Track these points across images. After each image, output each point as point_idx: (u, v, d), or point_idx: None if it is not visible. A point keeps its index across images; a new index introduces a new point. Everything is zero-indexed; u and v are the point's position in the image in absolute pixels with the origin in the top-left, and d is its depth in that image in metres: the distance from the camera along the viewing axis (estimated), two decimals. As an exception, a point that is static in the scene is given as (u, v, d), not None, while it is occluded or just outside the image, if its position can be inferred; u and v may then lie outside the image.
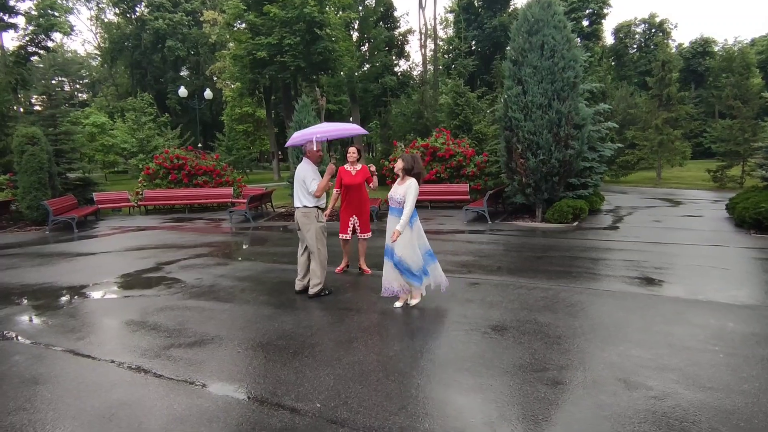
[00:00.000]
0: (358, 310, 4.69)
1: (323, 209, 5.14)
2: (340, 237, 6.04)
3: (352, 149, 5.99)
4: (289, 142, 5.58)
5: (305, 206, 4.99)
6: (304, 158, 5.09)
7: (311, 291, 5.06)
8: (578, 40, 10.42)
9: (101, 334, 4.24)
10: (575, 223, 10.03)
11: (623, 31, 47.89)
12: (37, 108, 24.61)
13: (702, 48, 43.27)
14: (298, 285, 5.26)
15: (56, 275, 6.52)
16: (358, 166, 5.92)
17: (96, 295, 5.54)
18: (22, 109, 32.32)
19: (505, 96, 10.33)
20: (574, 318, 4.31)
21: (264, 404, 2.90)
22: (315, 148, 5.04)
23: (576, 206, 10.18)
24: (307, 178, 4.91)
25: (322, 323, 4.32)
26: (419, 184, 4.58)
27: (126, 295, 5.52)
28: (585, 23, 36.62)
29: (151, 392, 3.08)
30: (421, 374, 3.24)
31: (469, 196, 13.26)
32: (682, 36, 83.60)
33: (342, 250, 6.22)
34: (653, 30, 48.00)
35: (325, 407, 2.84)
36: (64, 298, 5.42)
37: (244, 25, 19.02)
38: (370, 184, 5.90)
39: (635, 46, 49.39)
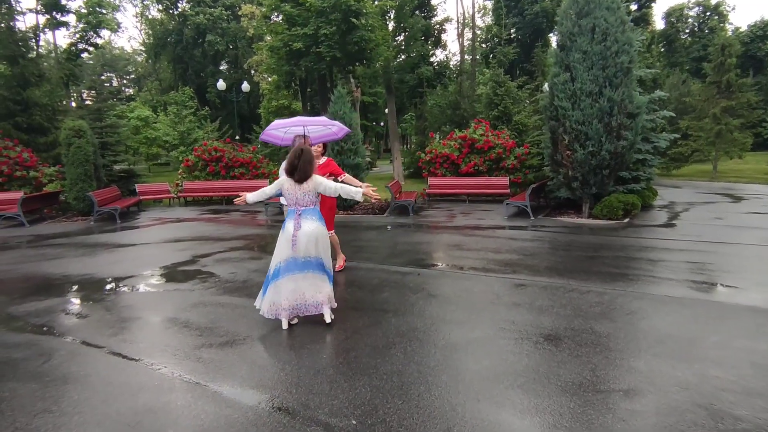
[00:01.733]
0: (395, 312, 4.40)
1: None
2: None
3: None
4: (268, 137, 5.21)
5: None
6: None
7: None
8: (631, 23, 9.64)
9: (134, 331, 4.15)
10: (626, 220, 9.37)
11: (675, 15, 45.15)
12: (89, 102, 25.76)
13: (762, 32, 40.19)
14: None
15: (97, 266, 6.59)
16: (322, 161, 5.58)
17: (132, 288, 5.52)
18: (74, 104, 33.89)
19: (551, 83, 9.72)
20: (637, 328, 3.87)
21: (296, 418, 2.67)
22: (302, 142, 4.77)
23: (627, 201, 9.50)
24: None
25: (357, 326, 4.07)
26: (293, 178, 3.89)
27: (161, 288, 5.46)
28: (633, 7, 34.61)
29: (179, 398, 2.91)
30: (468, 389, 2.92)
31: (509, 190, 12.72)
32: (739, 19, 77.59)
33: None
34: (708, 13, 45.00)
35: (362, 425, 2.58)
36: (101, 291, 5.42)
37: (281, 18, 19.00)
38: (340, 177, 5.50)
39: (687, 31, 46.47)
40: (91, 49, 41.19)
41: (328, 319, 4.02)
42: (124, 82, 57.51)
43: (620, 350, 3.43)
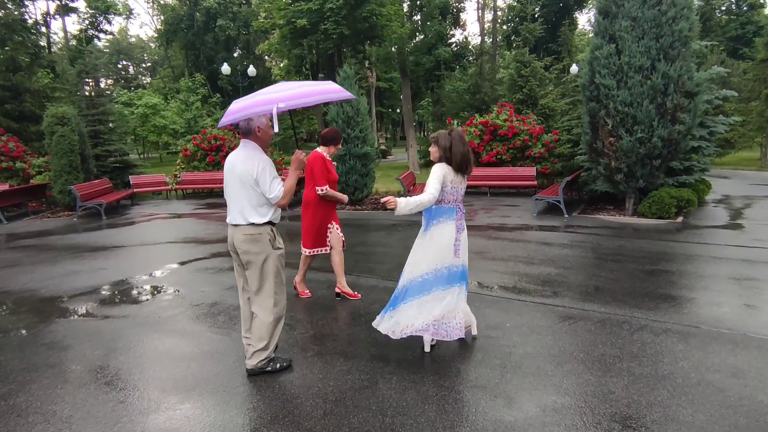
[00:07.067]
0: (398, 362, 3.19)
1: (275, 225, 3.10)
2: (304, 252, 4.53)
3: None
4: (228, 119, 2.90)
5: (252, 224, 2.94)
6: (244, 141, 2.96)
7: (251, 361, 3.02)
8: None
9: (33, 392, 3.02)
10: (679, 219, 7.94)
11: (710, -9, 42.14)
12: (109, 89, 25.19)
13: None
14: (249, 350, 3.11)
15: (47, 279, 5.53)
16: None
17: (69, 314, 4.40)
18: (88, 91, 33.25)
19: (591, 58, 8.26)
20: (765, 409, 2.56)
21: None
22: (276, 129, 2.80)
23: (681, 197, 8.07)
24: (263, 174, 2.83)
25: (342, 389, 2.86)
26: (464, 172, 3.19)
27: (105, 314, 4.33)
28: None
29: None
30: None
31: (536, 182, 11.32)
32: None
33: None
34: (747, -12, 41.90)
35: None
36: (29, 319, 4.32)
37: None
38: None
39: (723, 9, 43.49)
40: (101, 35, 40.54)
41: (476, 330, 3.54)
42: (140, 70, 57.11)
43: (753, 459, 2.15)
